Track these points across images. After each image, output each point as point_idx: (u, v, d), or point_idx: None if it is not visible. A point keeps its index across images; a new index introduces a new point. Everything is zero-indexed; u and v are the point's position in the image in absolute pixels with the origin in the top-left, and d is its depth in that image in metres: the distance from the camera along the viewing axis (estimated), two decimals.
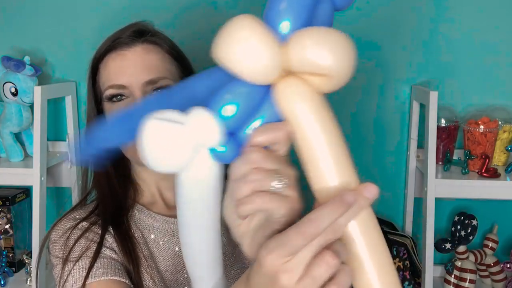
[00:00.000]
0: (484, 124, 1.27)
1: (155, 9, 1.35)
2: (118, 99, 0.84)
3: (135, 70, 0.83)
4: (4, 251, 1.40)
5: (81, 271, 0.79)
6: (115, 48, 0.85)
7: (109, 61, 0.85)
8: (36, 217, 1.22)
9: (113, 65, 0.85)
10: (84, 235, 0.83)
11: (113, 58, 0.85)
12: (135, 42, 0.85)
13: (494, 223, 1.40)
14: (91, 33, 1.38)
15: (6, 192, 1.42)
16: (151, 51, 0.85)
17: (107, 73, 0.85)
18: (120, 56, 0.84)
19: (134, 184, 0.93)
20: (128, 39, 0.85)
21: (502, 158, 1.33)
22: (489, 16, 1.33)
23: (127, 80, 0.83)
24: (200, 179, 0.50)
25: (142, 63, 0.83)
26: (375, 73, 1.36)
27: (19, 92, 1.29)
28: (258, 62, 0.46)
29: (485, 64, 1.35)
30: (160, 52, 0.86)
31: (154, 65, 0.84)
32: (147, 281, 0.82)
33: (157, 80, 0.83)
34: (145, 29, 0.87)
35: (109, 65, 0.85)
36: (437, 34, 1.34)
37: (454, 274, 1.34)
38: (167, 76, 0.85)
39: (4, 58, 1.30)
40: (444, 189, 1.21)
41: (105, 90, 0.85)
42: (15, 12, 1.39)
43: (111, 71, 0.85)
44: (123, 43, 0.85)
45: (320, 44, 0.49)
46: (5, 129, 1.32)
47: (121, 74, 0.83)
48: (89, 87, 0.91)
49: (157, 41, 0.87)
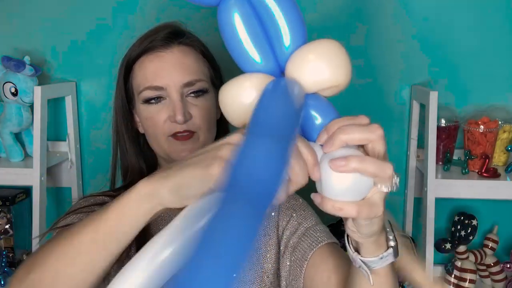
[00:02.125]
0: (484, 124, 1.27)
1: (157, 8, 1.35)
2: (157, 101, 0.85)
3: (173, 72, 0.84)
4: (4, 251, 1.40)
5: (75, 220, 0.80)
6: (152, 49, 0.86)
7: (145, 62, 0.86)
8: (36, 217, 1.22)
9: (150, 66, 0.85)
10: (101, 204, 0.84)
11: (150, 60, 0.85)
12: (171, 43, 0.85)
13: (494, 223, 1.40)
14: (91, 33, 1.38)
15: (6, 192, 1.42)
16: (188, 53, 0.86)
17: (144, 74, 0.86)
18: (158, 57, 0.85)
19: None
20: (164, 41, 0.85)
21: (502, 158, 1.33)
22: (489, 16, 1.33)
23: (165, 81, 0.83)
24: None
25: (180, 65, 0.84)
26: (375, 73, 1.36)
27: (19, 92, 1.29)
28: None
29: (485, 64, 1.35)
30: (195, 54, 0.87)
31: (191, 67, 0.85)
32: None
33: (194, 82, 0.85)
34: (179, 31, 0.88)
35: (146, 66, 0.85)
36: (437, 34, 1.34)
37: (454, 274, 1.34)
38: (203, 78, 0.87)
39: (4, 58, 1.30)
40: (444, 189, 1.21)
41: (142, 91, 0.86)
42: (15, 12, 1.39)
43: (148, 72, 0.85)
44: (159, 45, 0.85)
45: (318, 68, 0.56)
46: (5, 129, 1.32)
47: (159, 75, 0.84)
48: (120, 85, 0.91)
49: (192, 43, 0.88)
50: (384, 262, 0.60)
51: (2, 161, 1.35)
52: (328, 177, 0.49)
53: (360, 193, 0.49)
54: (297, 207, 0.93)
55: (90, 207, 0.85)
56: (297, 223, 0.90)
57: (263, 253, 0.90)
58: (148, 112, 0.86)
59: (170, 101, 0.84)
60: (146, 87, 0.85)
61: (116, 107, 0.93)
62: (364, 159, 0.49)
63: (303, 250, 0.85)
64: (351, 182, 0.48)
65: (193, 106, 0.85)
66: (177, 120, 0.83)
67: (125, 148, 0.94)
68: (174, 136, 0.85)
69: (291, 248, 0.88)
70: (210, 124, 0.88)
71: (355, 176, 0.48)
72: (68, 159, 1.39)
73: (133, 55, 0.88)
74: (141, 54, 0.87)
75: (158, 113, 0.85)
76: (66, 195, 1.47)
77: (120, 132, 0.93)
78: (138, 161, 0.93)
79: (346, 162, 0.48)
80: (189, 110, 0.85)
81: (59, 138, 1.43)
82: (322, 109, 0.57)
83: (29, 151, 1.36)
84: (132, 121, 0.93)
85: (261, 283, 0.88)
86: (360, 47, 1.35)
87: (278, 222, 0.92)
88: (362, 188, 0.49)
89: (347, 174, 0.48)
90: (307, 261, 0.84)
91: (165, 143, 0.86)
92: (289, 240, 0.89)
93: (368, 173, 0.49)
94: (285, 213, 0.92)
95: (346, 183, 0.48)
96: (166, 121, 0.85)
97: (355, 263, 0.61)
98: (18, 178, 1.28)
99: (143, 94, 0.85)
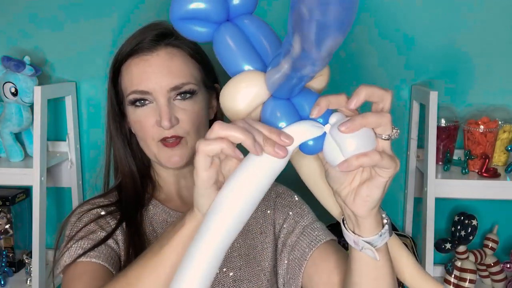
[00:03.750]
0: (484, 124, 1.27)
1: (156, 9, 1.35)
2: (142, 103, 0.84)
3: (159, 77, 0.83)
4: (4, 251, 1.40)
5: (78, 249, 0.80)
6: (138, 52, 0.85)
7: (131, 65, 0.85)
8: (36, 217, 1.22)
9: (136, 70, 0.84)
10: (96, 220, 0.85)
11: (136, 63, 0.85)
12: (158, 46, 0.84)
13: (494, 223, 1.40)
14: (91, 33, 1.38)
15: (6, 192, 1.42)
16: (175, 55, 0.85)
17: (130, 78, 0.85)
18: (143, 61, 0.84)
19: (153, 180, 0.95)
20: (151, 43, 0.84)
21: (502, 158, 1.33)
22: (489, 16, 1.33)
23: (151, 86, 0.83)
24: (275, 165, 0.58)
25: (166, 69, 0.83)
26: (375, 73, 1.36)
27: (19, 92, 1.29)
28: None
29: (485, 64, 1.35)
30: (183, 56, 0.86)
31: (178, 71, 0.84)
32: None
33: (181, 86, 0.84)
34: (168, 32, 0.86)
35: (132, 70, 0.85)
36: (437, 34, 1.34)
37: (454, 274, 1.34)
38: (191, 81, 0.85)
39: (4, 58, 1.30)
40: (444, 189, 1.21)
41: (129, 95, 0.85)
42: (15, 12, 1.39)
43: (134, 76, 0.84)
44: (145, 48, 0.84)
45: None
46: (5, 129, 1.32)
47: (145, 80, 0.83)
48: (109, 87, 0.91)
49: (180, 45, 0.86)
50: (383, 240, 0.64)
51: (2, 161, 1.35)
52: (343, 140, 0.56)
53: (371, 142, 0.57)
54: (293, 204, 0.93)
55: (88, 227, 0.85)
56: (294, 221, 0.90)
57: (259, 251, 0.90)
58: (136, 116, 0.86)
59: (157, 105, 0.84)
60: (132, 91, 0.84)
61: (107, 108, 0.93)
62: (365, 115, 0.55)
63: (302, 250, 0.86)
64: (362, 135, 0.56)
65: (180, 110, 0.84)
66: (163, 126, 0.82)
67: (115, 148, 0.94)
68: (163, 141, 0.85)
69: (289, 247, 0.88)
70: (199, 126, 0.87)
71: (361, 131, 0.56)
72: (68, 159, 1.39)
73: (120, 57, 0.87)
74: (128, 57, 0.86)
75: (146, 117, 0.85)
76: (66, 195, 1.47)
77: (111, 133, 0.94)
78: (128, 162, 0.93)
79: (352, 121, 0.55)
80: (176, 114, 0.84)
81: (59, 138, 1.43)
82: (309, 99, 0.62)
83: (29, 151, 1.36)
84: (123, 122, 0.93)
85: (258, 280, 0.88)
86: (360, 47, 1.35)
87: (275, 220, 0.93)
88: (371, 138, 0.57)
89: (356, 132, 0.55)
90: (307, 261, 0.84)
91: (154, 148, 0.86)
92: (287, 238, 0.89)
93: (371, 124, 0.56)
94: (282, 211, 0.93)
95: (358, 138, 0.56)
96: (154, 126, 0.84)
97: (357, 246, 0.64)
98: (18, 178, 1.28)
99: (130, 97, 0.85)
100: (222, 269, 0.87)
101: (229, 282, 0.86)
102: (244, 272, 0.88)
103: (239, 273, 0.87)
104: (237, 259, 0.89)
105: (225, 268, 0.87)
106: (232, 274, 0.87)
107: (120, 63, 0.87)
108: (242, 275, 0.87)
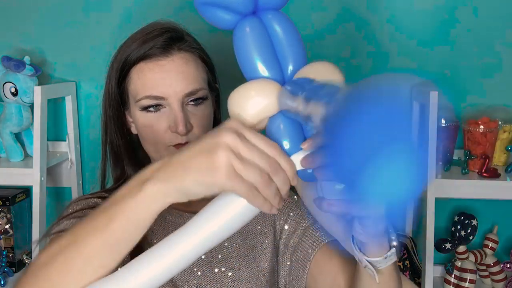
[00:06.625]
0: (484, 124, 1.27)
1: (156, 9, 1.35)
2: (156, 109, 0.83)
3: (174, 82, 0.82)
4: (4, 251, 1.40)
5: (69, 225, 0.79)
6: (151, 56, 0.83)
7: (145, 70, 0.83)
8: (36, 217, 1.23)
9: (151, 75, 0.83)
10: (92, 208, 0.83)
11: (150, 68, 0.83)
12: (172, 50, 0.83)
13: (494, 223, 1.40)
14: (91, 34, 1.38)
15: (6, 192, 1.42)
16: (188, 60, 0.84)
17: (143, 83, 0.83)
18: (158, 66, 0.82)
19: None
20: (163, 48, 0.83)
21: (502, 158, 1.33)
22: (489, 17, 1.33)
23: (166, 92, 0.82)
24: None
25: (181, 74, 0.82)
26: (375, 73, 1.35)
27: (19, 92, 1.29)
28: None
29: (484, 64, 1.35)
30: (195, 60, 0.85)
31: (192, 76, 0.83)
32: None
33: (196, 91, 0.83)
34: (178, 35, 0.86)
35: (145, 74, 0.83)
36: (437, 34, 1.34)
37: (454, 274, 1.34)
38: (204, 86, 0.85)
39: (4, 58, 1.30)
40: (444, 189, 1.21)
41: (141, 100, 0.83)
42: (15, 12, 1.39)
43: (148, 81, 0.83)
44: (159, 52, 0.83)
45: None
46: (5, 129, 1.32)
47: (160, 85, 0.82)
48: (110, 85, 0.89)
49: (191, 49, 0.86)
50: (388, 262, 0.63)
51: (2, 161, 1.35)
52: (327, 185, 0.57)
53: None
54: (293, 205, 0.93)
55: (83, 211, 0.84)
56: (295, 222, 0.90)
57: (259, 252, 0.90)
58: (147, 120, 0.84)
59: (171, 111, 0.83)
60: (146, 96, 0.83)
61: (105, 107, 0.91)
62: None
63: (305, 251, 0.86)
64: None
65: (193, 116, 0.84)
66: (178, 132, 0.81)
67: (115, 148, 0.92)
68: (175, 146, 0.84)
69: (292, 248, 0.88)
70: (208, 130, 0.87)
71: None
72: (68, 159, 1.39)
73: (130, 59, 0.85)
74: (139, 60, 0.84)
75: (158, 122, 0.84)
76: (66, 195, 1.47)
77: (109, 133, 0.92)
78: (126, 164, 0.92)
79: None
80: (189, 120, 0.83)
81: (59, 138, 1.43)
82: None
83: (29, 151, 1.36)
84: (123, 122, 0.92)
85: (257, 281, 0.88)
86: (359, 47, 1.35)
87: (275, 221, 0.93)
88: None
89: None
90: (310, 262, 0.84)
91: (164, 152, 0.85)
92: (288, 240, 0.89)
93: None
94: (282, 212, 0.92)
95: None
96: (167, 131, 0.83)
97: (361, 263, 0.64)
98: (18, 178, 1.28)
99: (142, 102, 0.83)
100: (221, 269, 0.87)
101: (228, 282, 0.86)
102: (243, 273, 0.88)
103: (238, 273, 0.87)
104: (236, 259, 0.88)
105: (224, 268, 0.87)
106: (231, 274, 0.87)
107: (131, 66, 0.85)
108: (241, 275, 0.87)
